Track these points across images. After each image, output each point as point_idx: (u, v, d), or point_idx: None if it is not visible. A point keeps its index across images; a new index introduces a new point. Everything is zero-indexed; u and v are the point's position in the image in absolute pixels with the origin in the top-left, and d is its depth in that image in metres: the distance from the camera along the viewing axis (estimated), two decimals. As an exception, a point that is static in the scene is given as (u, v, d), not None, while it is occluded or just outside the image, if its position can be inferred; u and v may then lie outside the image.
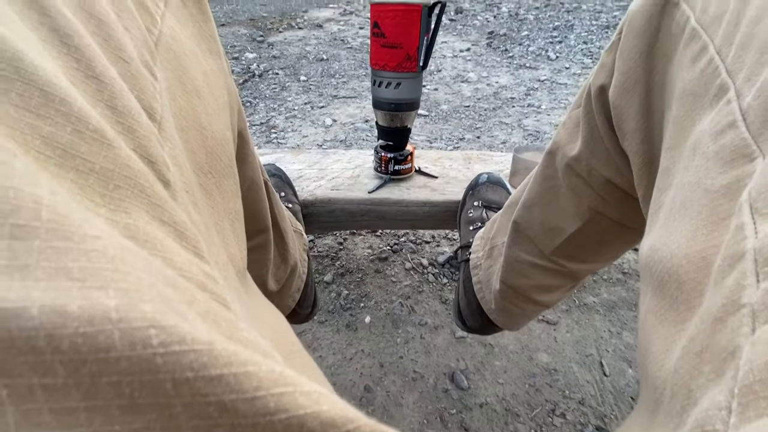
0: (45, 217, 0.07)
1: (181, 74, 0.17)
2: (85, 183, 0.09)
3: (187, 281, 0.09)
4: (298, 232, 0.51)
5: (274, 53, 2.49)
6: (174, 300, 0.08)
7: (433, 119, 1.61)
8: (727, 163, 0.14)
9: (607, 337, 0.72)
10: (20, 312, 0.06)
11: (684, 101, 0.19)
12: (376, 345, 0.69)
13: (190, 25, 0.19)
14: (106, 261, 0.07)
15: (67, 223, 0.07)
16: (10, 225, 0.06)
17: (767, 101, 0.14)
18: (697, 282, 0.14)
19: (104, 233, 0.08)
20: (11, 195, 0.06)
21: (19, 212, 0.06)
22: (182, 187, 0.12)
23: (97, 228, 0.08)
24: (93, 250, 0.07)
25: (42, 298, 0.06)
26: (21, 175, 0.07)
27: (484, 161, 0.78)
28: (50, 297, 0.06)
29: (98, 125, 0.09)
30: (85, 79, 0.10)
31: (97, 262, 0.07)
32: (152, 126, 0.12)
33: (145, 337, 0.07)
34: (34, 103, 0.08)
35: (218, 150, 0.18)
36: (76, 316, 0.07)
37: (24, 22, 0.10)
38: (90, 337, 0.07)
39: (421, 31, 0.54)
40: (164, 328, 0.07)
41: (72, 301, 0.07)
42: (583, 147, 0.31)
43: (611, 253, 0.38)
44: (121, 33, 0.13)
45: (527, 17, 3.22)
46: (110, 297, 0.07)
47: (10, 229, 0.06)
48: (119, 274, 0.07)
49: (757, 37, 0.16)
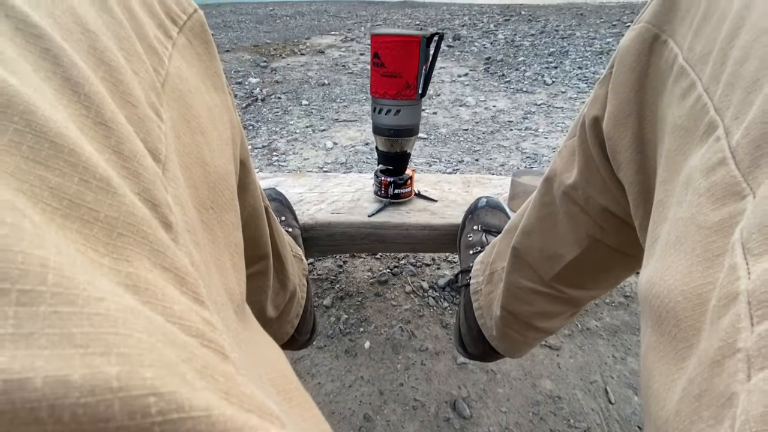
0: (51, 281, 0.07)
1: (185, 112, 0.17)
2: (90, 233, 0.09)
3: (187, 334, 0.09)
4: (298, 257, 0.51)
5: (277, 78, 2.55)
6: (173, 360, 0.08)
7: (433, 142, 1.64)
8: (719, 200, 0.15)
9: (611, 363, 0.71)
10: (24, 383, 0.06)
11: (675, 136, 0.19)
12: (376, 371, 0.68)
13: (196, 64, 0.20)
14: (109, 324, 0.07)
15: (71, 286, 0.07)
16: (17, 291, 0.07)
17: (755, 140, 0.14)
18: (695, 320, 0.14)
19: (107, 293, 0.08)
20: (19, 259, 0.07)
21: (26, 277, 0.07)
22: (184, 227, 0.13)
23: (101, 289, 0.08)
24: (96, 313, 0.07)
25: (45, 368, 0.07)
26: (29, 238, 0.07)
27: (483, 185, 0.79)
28: (54, 367, 0.07)
29: (104, 174, 0.10)
30: (94, 126, 0.11)
31: (100, 326, 0.07)
32: (157, 168, 0.12)
33: (144, 406, 0.07)
34: (44, 155, 0.09)
35: (220, 184, 0.18)
36: (78, 385, 0.07)
37: (37, 73, 0.11)
38: (91, 407, 0.07)
39: (419, 60, 0.55)
40: (163, 395, 0.07)
41: (74, 371, 0.07)
42: (579, 176, 0.31)
43: (611, 279, 0.37)
44: (129, 77, 0.13)
45: (523, 44, 3.32)
46: (112, 364, 0.07)
47: (17, 295, 0.07)
48: (121, 337, 0.07)
49: (743, 77, 0.16)
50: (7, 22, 0.11)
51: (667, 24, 0.23)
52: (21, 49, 0.11)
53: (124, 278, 0.09)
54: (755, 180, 0.14)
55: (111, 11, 0.15)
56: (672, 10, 0.23)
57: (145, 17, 0.17)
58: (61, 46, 0.11)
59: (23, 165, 0.08)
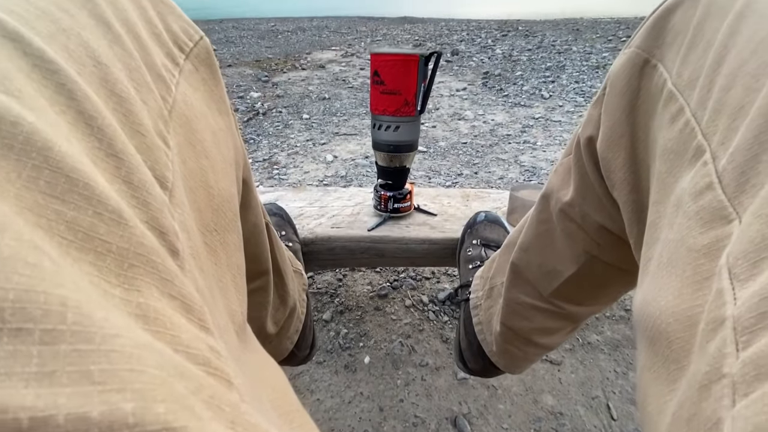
0: (70, 320, 0.07)
1: (191, 137, 0.18)
2: (103, 264, 0.09)
3: (193, 362, 0.10)
4: (298, 272, 0.51)
5: (278, 92, 2.59)
6: (183, 393, 0.08)
7: (432, 155, 1.65)
8: (707, 223, 0.15)
9: (612, 378, 0.70)
10: (48, 420, 0.07)
11: (666, 158, 0.20)
12: (376, 387, 0.67)
13: (201, 89, 0.21)
14: (124, 361, 0.08)
15: (89, 324, 0.08)
16: (41, 331, 0.07)
17: (739, 166, 0.15)
18: (685, 341, 0.14)
19: (122, 329, 0.08)
20: (42, 300, 0.07)
21: (48, 317, 0.07)
22: (189, 253, 0.13)
23: (116, 324, 0.08)
24: (112, 350, 0.08)
25: (67, 406, 0.07)
26: (50, 277, 0.08)
27: (482, 198, 0.79)
28: (74, 404, 0.07)
29: (116, 206, 0.10)
30: (106, 158, 0.11)
31: (116, 363, 0.08)
32: (164, 196, 0.13)
33: None
34: (60, 190, 0.09)
35: (224, 207, 0.19)
36: (97, 422, 0.07)
37: (53, 107, 0.11)
38: None
39: (418, 78, 0.57)
40: (176, 430, 0.08)
41: (94, 408, 0.07)
42: (576, 193, 0.32)
43: (609, 295, 0.38)
44: (139, 107, 0.14)
45: (520, 58, 3.38)
46: (127, 400, 0.07)
47: (41, 335, 0.07)
48: (135, 374, 0.08)
49: (728, 104, 0.17)
50: (26, 59, 0.11)
51: (656, 49, 0.24)
52: (38, 84, 0.11)
53: (134, 308, 0.09)
54: (741, 205, 0.14)
55: (122, 43, 0.16)
56: (661, 36, 0.24)
57: (154, 46, 0.18)
58: (75, 81, 0.12)
59: (41, 200, 0.09)
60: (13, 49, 0.11)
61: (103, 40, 0.15)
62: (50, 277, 0.08)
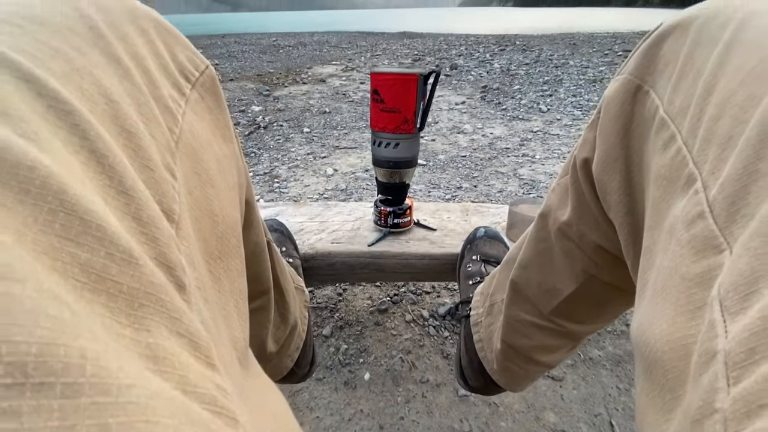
0: (89, 372, 0.08)
1: (197, 166, 0.18)
2: (114, 305, 0.10)
3: (201, 402, 0.10)
4: (299, 288, 0.51)
5: (279, 106, 2.62)
6: None
7: (432, 168, 1.66)
8: (699, 252, 0.15)
9: (615, 395, 0.70)
10: None
11: (659, 184, 0.20)
12: (376, 404, 0.67)
13: (207, 117, 0.21)
14: (140, 412, 0.08)
15: (106, 375, 0.08)
16: (62, 384, 0.07)
17: (729, 196, 0.15)
18: (680, 371, 0.14)
19: (136, 378, 0.09)
20: (62, 353, 0.07)
21: (68, 370, 0.07)
22: (195, 285, 0.13)
23: (131, 374, 0.09)
24: (129, 402, 0.08)
25: None
26: (69, 329, 0.08)
27: (482, 213, 0.80)
28: None
29: (127, 245, 0.10)
30: (117, 195, 0.12)
31: (132, 414, 0.08)
32: (171, 229, 0.13)
33: None
34: (74, 232, 0.10)
35: (227, 233, 0.19)
36: None
37: (67, 147, 0.12)
38: None
39: (417, 97, 0.58)
40: None
41: None
42: (573, 213, 0.32)
43: (608, 314, 0.38)
44: (147, 142, 0.15)
45: (518, 72, 3.43)
46: None
47: (62, 388, 0.07)
48: (150, 425, 0.08)
49: (717, 134, 0.17)
50: (41, 100, 0.12)
51: (648, 76, 0.25)
52: (53, 126, 0.12)
53: (144, 349, 0.10)
54: (732, 234, 0.15)
55: (132, 78, 0.16)
56: (652, 64, 0.24)
57: (162, 78, 0.19)
58: (88, 121, 0.12)
59: (56, 243, 0.09)
60: (28, 90, 0.12)
61: (114, 77, 0.15)
62: (69, 328, 0.08)
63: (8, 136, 0.10)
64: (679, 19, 0.23)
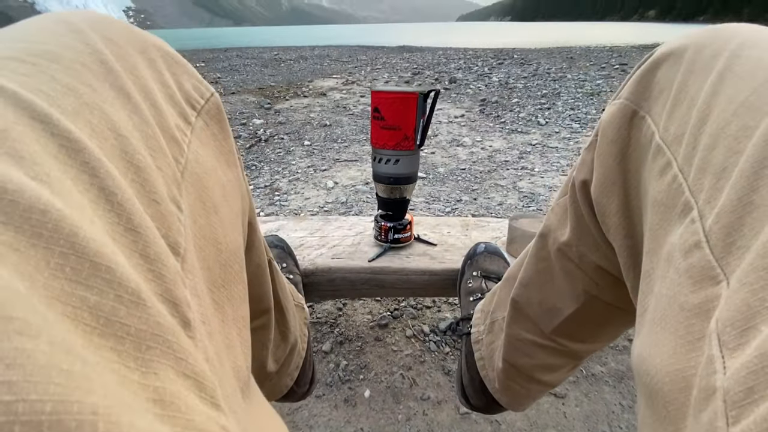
0: (101, 429, 0.08)
1: (202, 194, 0.19)
2: (122, 348, 0.10)
3: None
4: (300, 306, 0.51)
5: (280, 119, 2.64)
6: None
7: (431, 181, 1.67)
8: (697, 283, 0.15)
9: (618, 412, 0.69)
10: None
11: (656, 210, 0.21)
12: (376, 422, 0.66)
13: (211, 144, 0.22)
14: None
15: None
16: None
17: (725, 227, 0.15)
18: (681, 403, 0.14)
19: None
20: (75, 410, 0.08)
21: (82, 428, 0.08)
22: (200, 320, 0.14)
23: (141, 429, 0.09)
24: None
25: None
26: (82, 384, 0.08)
27: (482, 228, 0.80)
28: None
29: (135, 287, 0.11)
30: (124, 233, 0.12)
31: None
32: (177, 264, 0.13)
33: None
34: (84, 275, 0.10)
35: (231, 260, 0.19)
36: None
37: (77, 186, 0.12)
38: None
39: (417, 115, 0.59)
40: None
41: None
42: (572, 233, 0.32)
43: (610, 334, 0.38)
44: (155, 176, 0.15)
45: (516, 86, 3.47)
46: None
47: None
48: None
49: (712, 164, 0.18)
50: (53, 140, 0.12)
51: (644, 101, 0.25)
52: (63, 165, 0.12)
53: (151, 393, 0.10)
54: (728, 266, 0.15)
55: (140, 112, 0.17)
56: (647, 90, 0.25)
57: (168, 107, 0.19)
58: (98, 158, 0.13)
59: (67, 287, 0.09)
60: (41, 131, 0.12)
61: (123, 111, 0.16)
62: (82, 383, 0.08)
63: (21, 180, 0.10)
64: (673, 47, 0.24)
